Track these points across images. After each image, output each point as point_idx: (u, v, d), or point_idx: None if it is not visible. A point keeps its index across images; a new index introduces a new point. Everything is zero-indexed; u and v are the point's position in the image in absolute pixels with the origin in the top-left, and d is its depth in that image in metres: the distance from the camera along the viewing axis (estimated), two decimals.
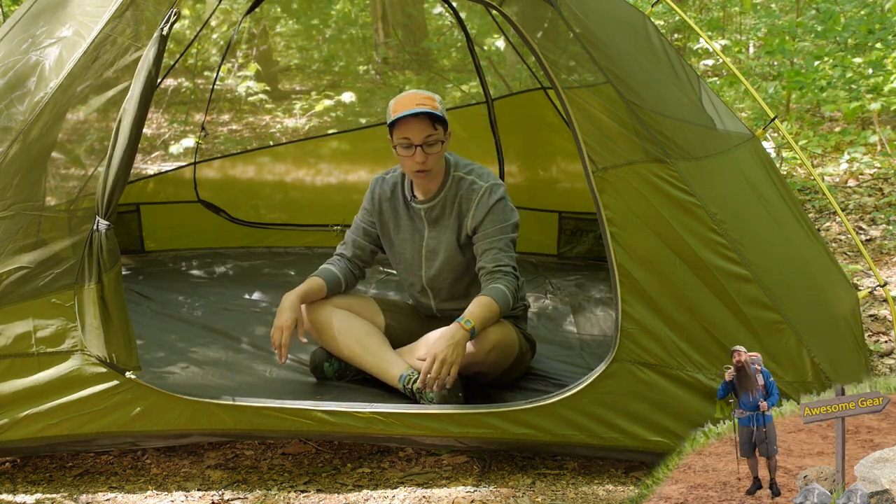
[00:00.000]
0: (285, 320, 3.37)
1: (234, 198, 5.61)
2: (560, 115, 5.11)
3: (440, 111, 3.33)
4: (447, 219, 3.45)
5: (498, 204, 3.37)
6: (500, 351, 3.30)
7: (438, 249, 3.47)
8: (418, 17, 9.96)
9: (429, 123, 3.31)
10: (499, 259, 3.32)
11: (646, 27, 3.58)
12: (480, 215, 3.37)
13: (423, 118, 3.30)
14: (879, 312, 4.63)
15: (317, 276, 3.54)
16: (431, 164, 3.36)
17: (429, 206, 3.46)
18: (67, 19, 3.12)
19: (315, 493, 3.00)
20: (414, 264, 3.54)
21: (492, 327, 3.27)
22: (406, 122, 3.29)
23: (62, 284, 2.99)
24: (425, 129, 3.31)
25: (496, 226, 3.35)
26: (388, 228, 3.57)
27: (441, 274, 3.49)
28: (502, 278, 3.28)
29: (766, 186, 3.52)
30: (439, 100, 3.39)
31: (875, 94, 7.39)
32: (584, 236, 5.22)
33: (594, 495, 2.94)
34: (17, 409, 2.99)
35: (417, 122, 3.29)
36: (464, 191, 3.42)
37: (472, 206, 3.39)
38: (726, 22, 10.55)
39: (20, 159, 3.02)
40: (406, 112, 3.28)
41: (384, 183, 3.58)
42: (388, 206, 3.55)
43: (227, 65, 8.60)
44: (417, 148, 3.31)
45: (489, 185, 3.40)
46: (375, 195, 3.58)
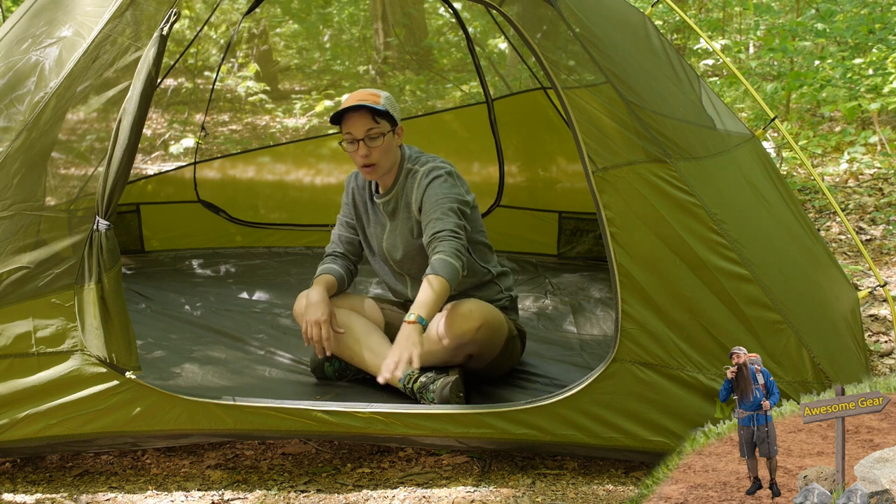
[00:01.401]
0: (321, 314, 3.38)
1: (234, 198, 5.61)
2: (560, 115, 5.11)
3: (382, 105, 3.36)
4: (401, 211, 3.49)
5: (433, 182, 3.38)
6: (489, 328, 3.30)
7: (398, 241, 3.51)
8: (418, 17, 9.97)
9: (369, 117, 3.35)
10: (434, 227, 3.29)
11: (646, 27, 3.58)
12: (419, 198, 3.40)
13: (363, 112, 3.34)
14: (879, 312, 4.63)
15: (324, 273, 3.56)
16: (376, 158, 3.38)
17: (385, 200, 3.51)
18: (67, 19, 3.12)
19: (315, 493, 3.00)
20: (382, 256, 3.59)
21: (475, 306, 3.29)
22: (347, 117, 3.36)
23: (62, 284, 2.99)
24: (366, 123, 3.35)
25: (431, 200, 3.36)
26: (363, 221, 3.63)
27: (405, 261, 3.52)
28: (439, 245, 3.23)
29: (766, 186, 3.52)
30: (386, 96, 3.43)
31: (875, 93, 7.39)
32: (584, 236, 5.22)
33: (594, 495, 2.94)
34: (17, 409, 2.99)
35: (358, 116, 3.35)
36: (409, 182, 3.46)
37: (413, 192, 3.43)
38: (726, 22, 10.55)
39: (20, 159, 3.02)
40: (344, 107, 3.35)
41: (357, 177, 3.63)
42: (360, 199, 3.62)
43: (227, 65, 8.60)
44: (360, 142, 3.35)
45: (426, 169, 3.42)
46: (350, 189, 3.64)
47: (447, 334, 3.27)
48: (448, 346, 3.28)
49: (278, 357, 3.82)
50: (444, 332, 3.28)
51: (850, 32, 7.70)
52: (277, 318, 4.33)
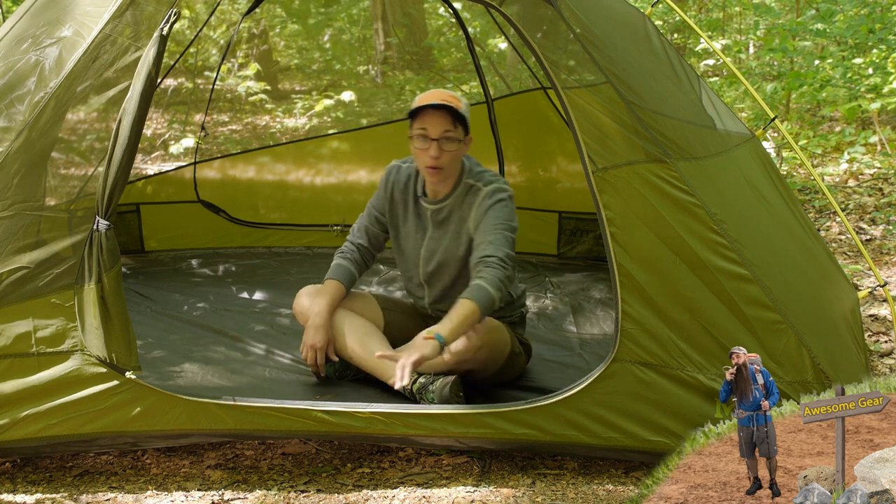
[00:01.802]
0: (318, 341, 3.39)
1: (234, 198, 5.61)
2: (560, 115, 5.11)
3: (463, 110, 3.33)
4: (451, 224, 3.45)
5: (496, 205, 3.35)
6: (490, 350, 3.30)
7: (437, 251, 3.47)
8: (418, 17, 9.96)
9: (449, 119, 3.30)
10: (485, 251, 3.26)
11: (646, 27, 3.58)
12: (479, 217, 3.36)
13: (443, 112, 3.29)
14: (879, 312, 4.63)
15: (334, 278, 3.53)
16: (445, 162, 3.34)
17: (436, 208, 3.46)
18: (67, 19, 3.12)
19: (315, 493, 3.00)
20: (413, 259, 3.55)
21: (484, 327, 3.27)
22: (427, 113, 3.29)
23: (62, 284, 2.99)
24: (444, 124, 3.30)
25: (490, 222, 3.33)
26: (398, 219, 3.57)
27: (437, 273, 3.50)
28: (484, 271, 3.21)
29: (766, 186, 3.52)
30: (466, 103, 3.39)
31: (875, 93, 7.39)
32: (584, 236, 5.22)
33: (594, 495, 2.94)
34: (17, 409, 2.99)
35: (438, 115, 3.29)
36: (469, 198, 3.41)
37: (472, 210, 3.39)
38: (726, 22, 10.55)
39: (20, 159, 3.02)
40: (429, 103, 3.28)
41: (399, 171, 3.57)
42: (401, 196, 3.55)
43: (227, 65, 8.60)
44: (434, 142, 3.30)
45: (491, 189, 3.38)
46: (390, 182, 3.57)
47: (448, 350, 3.26)
48: (448, 360, 3.27)
49: (278, 357, 3.82)
50: (446, 348, 3.27)
51: (850, 32, 7.70)
52: (277, 317, 4.33)
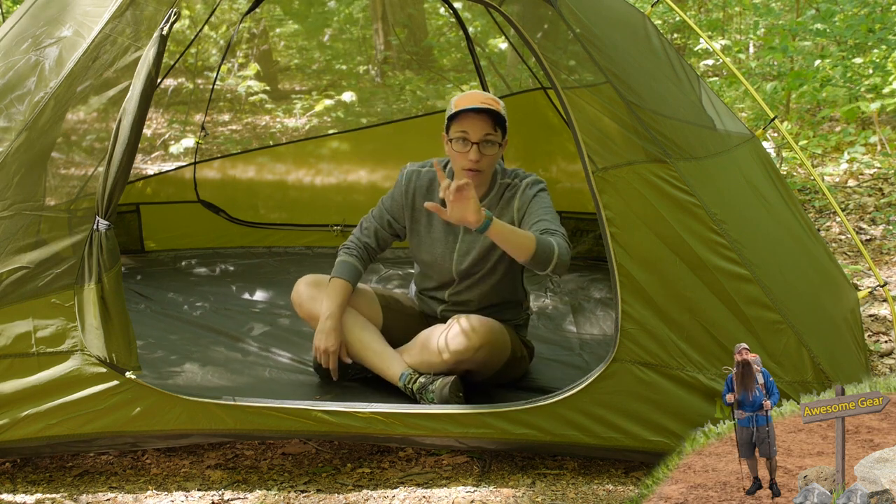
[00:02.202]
0: (332, 344, 3.38)
1: (234, 198, 5.61)
2: (560, 115, 5.11)
3: (503, 114, 3.31)
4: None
5: (539, 193, 3.34)
6: (489, 351, 3.28)
7: (472, 250, 3.44)
8: (418, 17, 9.96)
9: (490, 123, 3.28)
10: (544, 226, 3.22)
11: (646, 27, 3.58)
12: (524, 206, 3.34)
13: (485, 116, 3.26)
14: (879, 312, 4.63)
15: (342, 277, 3.49)
16: (484, 165, 3.32)
17: None
18: (67, 19, 3.12)
19: (315, 493, 3.00)
20: (444, 263, 3.49)
21: (478, 324, 3.26)
22: (468, 116, 3.26)
23: (62, 284, 2.99)
24: (485, 128, 3.27)
25: (538, 207, 3.31)
26: (419, 224, 3.52)
27: (472, 268, 3.47)
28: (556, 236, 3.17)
29: (766, 186, 3.52)
30: (503, 105, 3.36)
31: (875, 94, 7.39)
32: (584, 236, 5.22)
33: (594, 495, 2.94)
34: (17, 409, 2.99)
35: (479, 118, 3.26)
36: (507, 193, 3.39)
37: (513, 203, 3.36)
38: (726, 22, 10.55)
39: (20, 159, 3.02)
40: (471, 107, 3.26)
41: (420, 177, 3.51)
42: (423, 201, 3.48)
43: (227, 65, 8.60)
44: (474, 145, 3.27)
45: (530, 180, 3.38)
46: (410, 188, 3.51)
47: (448, 349, 3.26)
48: (447, 360, 3.27)
49: (278, 357, 3.82)
50: (445, 347, 3.27)
51: (850, 32, 7.70)
52: (277, 317, 4.33)
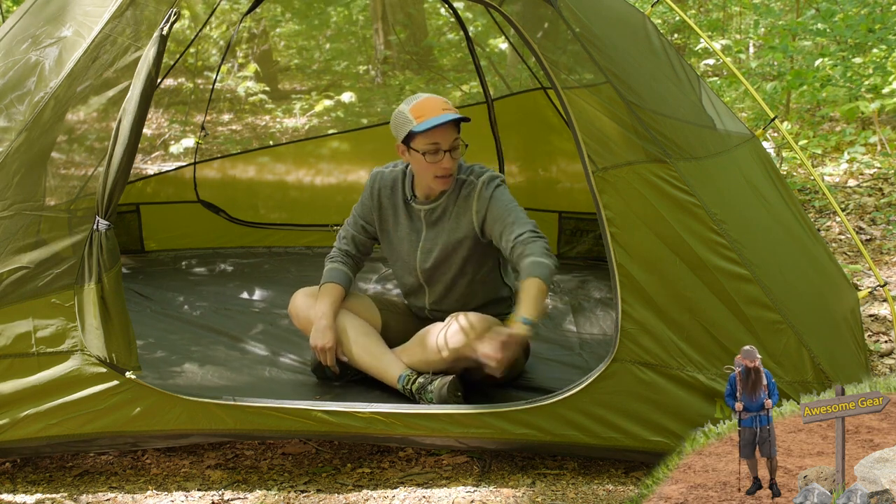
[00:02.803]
0: (328, 341, 3.39)
1: (234, 198, 5.61)
2: (560, 115, 5.11)
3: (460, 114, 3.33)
4: (446, 221, 3.44)
5: (497, 191, 3.36)
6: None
7: (434, 249, 3.46)
8: (418, 17, 9.96)
9: (455, 129, 3.32)
10: (514, 231, 3.25)
11: (646, 27, 3.58)
12: (483, 209, 3.36)
13: (452, 124, 3.30)
14: (879, 312, 4.63)
15: (331, 281, 3.52)
16: (454, 168, 3.37)
17: (429, 208, 3.45)
18: (67, 19, 3.11)
19: (315, 493, 3.00)
20: (410, 262, 3.53)
21: (476, 321, 3.27)
22: (439, 127, 3.27)
23: (62, 284, 2.99)
24: (453, 134, 3.31)
25: (499, 206, 3.33)
26: (388, 224, 3.56)
27: (437, 270, 3.49)
28: (526, 248, 3.19)
29: (766, 186, 3.52)
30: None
31: (874, 94, 7.39)
32: (584, 236, 5.22)
33: (594, 495, 2.94)
34: (17, 409, 2.99)
35: (450, 127, 3.29)
36: (464, 191, 3.42)
37: (471, 203, 3.39)
38: (726, 22, 10.55)
39: (20, 159, 3.02)
40: (442, 119, 3.26)
41: (384, 178, 3.56)
42: (388, 201, 3.54)
43: (227, 65, 8.60)
44: (446, 153, 3.30)
45: (486, 178, 3.39)
46: (375, 189, 3.56)
47: (447, 347, 3.27)
48: (446, 358, 3.27)
49: (278, 357, 3.81)
50: (444, 345, 3.27)
51: (850, 32, 7.70)
52: (277, 317, 4.33)
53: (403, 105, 3.37)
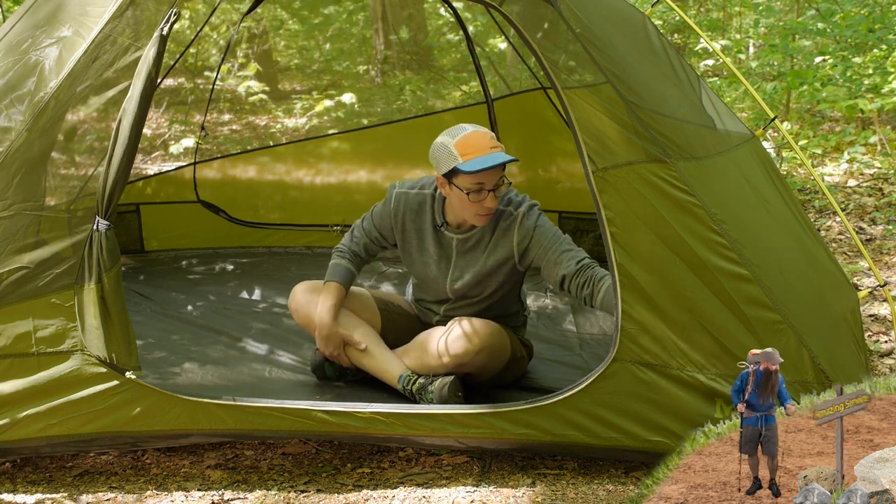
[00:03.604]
0: (333, 349, 3.41)
1: (234, 198, 5.61)
2: (560, 115, 5.11)
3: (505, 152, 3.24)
4: (480, 248, 3.39)
5: (539, 221, 3.33)
6: (489, 353, 3.29)
7: (465, 275, 3.42)
8: (418, 17, 9.97)
9: (501, 167, 3.23)
10: (572, 257, 3.25)
11: (646, 27, 3.58)
12: (526, 239, 3.31)
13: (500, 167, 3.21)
14: (879, 312, 4.63)
15: (336, 280, 3.49)
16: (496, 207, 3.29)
17: (463, 238, 3.39)
18: (67, 19, 3.12)
19: (315, 493, 3.00)
20: (436, 286, 3.49)
21: (479, 327, 3.27)
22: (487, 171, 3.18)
23: (62, 284, 2.99)
24: (499, 173, 3.23)
25: (547, 237, 3.30)
26: (411, 246, 3.47)
27: (466, 295, 3.47)
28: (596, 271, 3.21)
29: (766, 186, 3.52)
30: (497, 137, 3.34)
31: (875, 93, 7.39)
32: (584, 236, 5.22)
33: (594, 495, 2.94)
34: (17, 409, 2.99)
35: (497, 168, 3.20)
36: (503, 223, 3.35)
37: (512, 234, 3.33)
38: (726, 22, 10.55)
39: (20, 159, 3.02)
40: (493, 162, 3.15)
41: (409, 200, 3.44)
42: (413, 224, 3.45)
43: (227, 65, 8.60)
44: (490, 193, 3.22)
45: (525, 209, 3.34)
46: (400, 210, 3.45)
47: (448, 353, 3.26)
48: (447, 363, 3.27)
49: (278, 357, 3.82)
50: (445, 351, 3.27)
51: (850, 32, 7.70)
52: (277, 317, 4.34)
53: (447, 137, 3.24)
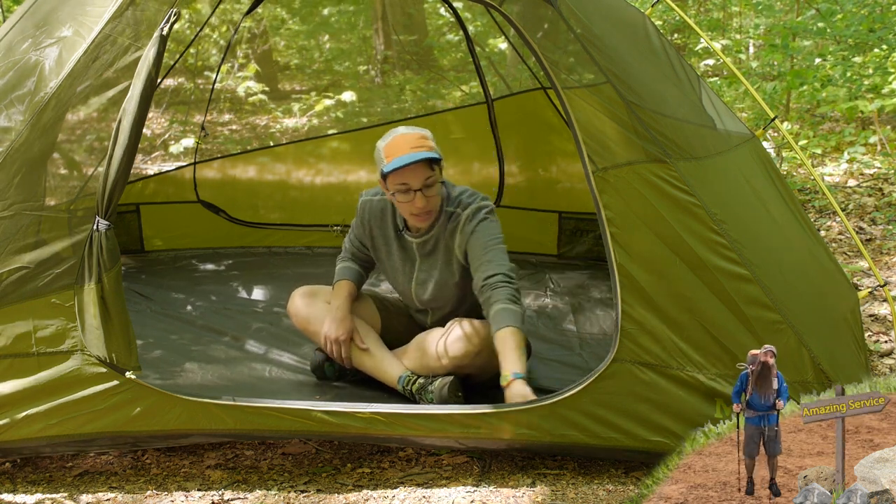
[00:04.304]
0: (342, 333, 3.39)
1: (234, 198, 5.61)
2: (560, 115, 5.11)
3: (436, 150, 3.26)
4: (439, 253, 3.42)
5: (479, 224, 3.31)
6: (489, 354, 3.28)
7: (429, 281, 3.45)
8: (418, 17, 9.97)
9: (427, 167, 3.23)
10: (486, 271, 3.23)
11: (646, 27, 3.58)
12: (464, 243, 3.33)
13: (422, 163, 3.21)
14: (879, 312, 4.63)
15: (346, 279, 3.53)
16: (433, 205, 3.31)
17: (421, 241, 3.42)
18: (67, 19, 3.12)
19: (315, 493, 3.00)
20: (407, 291, 3.52)
21: (478, 328, 3.28)
22: (405, 169, 3.21)
23: (62, 284, 2.99)
24: (425, 173, 3.23)
25: (480, 243, 3.29)
26: (380, 252, 3.54)
27: (434, 300, 3.49)
28: (494, 294, 3.17)
29: (766, 186, 3.52)
30: (431, 136, 3.32)
31: (875, 93, 7.39)
32: (584, 236, 5.22)
33: (594, 495, 2.94)
34: (17, 409, 2.99)
35: (418, 166, 3.21)
36: (451, 224, 3.37)
37: (456, 235, 3.35)
38: (726, 22, 10.55)
39: (20, 159, 3.02)
40: (407, 161, 3.19)
41: (372, 207, 3.51)
42: (378, 231, 3.51)
43: (227, 65, 8.61)
44: (417, 193, 3.24)
45: (469, 212, 3.34)
46: (365, 218, 3.52)
47: (446, 355, 3.26)
48: (446, 365, 3.28)
49: (278, 357, 3.82)
50: (444, 353, 3.27)
51: (850, 32, 7.70)
52: (277, 317, 4.33)
53: (381, 141, 3.32)
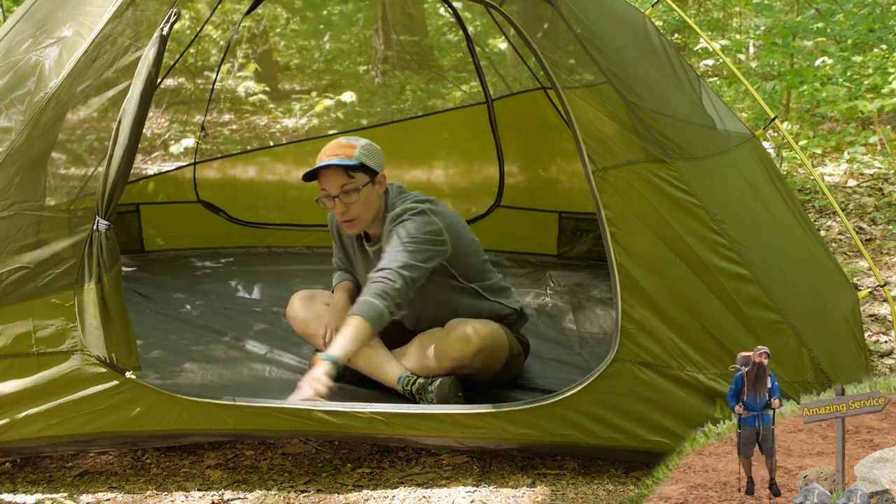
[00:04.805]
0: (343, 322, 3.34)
1: (234, 198, 5.61)
2: (560, 115, 5.11)
3: (355, 158, 3.27)
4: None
5: (398, 227, 3.28)
6: (489, 354, 3.29)
7: None
8: (418, 17, 9.97)
9: (343, 173, 3.28)
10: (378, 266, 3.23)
11: (646, 27, 3.58)
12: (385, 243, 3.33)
13: (336, 169, 3.27)
14: (879, 312, 4.63)
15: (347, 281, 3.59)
16: (355, 213, 3.32)
17: (375, 249, 3.44)
18: (67, 19, 3.12)
19: (315, 493, 3.00)
20: None
21: (477, 328, 3.26)
22: (321, 173, 3.30)
23: (62, 284, 2.99)
24: (340, 179, 3.29)
25: (392, 241, 3.27)
26: (352, 261, 3.61)
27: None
28: (371, 286, 3.16)
29: (766, 186, 3.52)
30: (363, 145, 3.33)
31: (874, 93, 7.39)
32: (584, 236, 5.22)
33: (594, 495, 2.94)
34: (17, 409, 2.99)
35: (331, 173, 3.29)
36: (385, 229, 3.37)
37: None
38: (726, 22, 10.55)
39: (20, 159, 3.02)
40: (318, 165, 3.29)
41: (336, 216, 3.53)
42: (348, 241, 3.58)
43: (227, 65, 8.61)
44: (335, 199, 3.30)
45: (392, 215, 3.32)
46: (333, 228, 3.62)
47: (445, 357, 3.26)
48: (446, 366, 3.28)
49: (278, 356, 3.82)
50: (443, 355, 3.27)
51: (850, 32, 7.70)
52: (277, 317, 4.33)
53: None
